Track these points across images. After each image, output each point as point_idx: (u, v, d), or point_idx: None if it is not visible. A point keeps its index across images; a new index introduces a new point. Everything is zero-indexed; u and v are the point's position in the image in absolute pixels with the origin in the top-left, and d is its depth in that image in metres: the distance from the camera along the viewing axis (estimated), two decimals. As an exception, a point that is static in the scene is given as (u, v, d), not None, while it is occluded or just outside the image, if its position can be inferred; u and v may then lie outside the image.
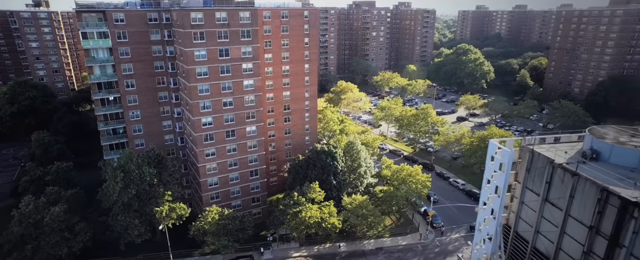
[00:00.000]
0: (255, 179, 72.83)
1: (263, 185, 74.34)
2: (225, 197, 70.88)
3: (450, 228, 75.21)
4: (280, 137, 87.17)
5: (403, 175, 73.47)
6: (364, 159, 76.34)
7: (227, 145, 67.81)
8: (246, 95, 66.91)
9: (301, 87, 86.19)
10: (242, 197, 72.73)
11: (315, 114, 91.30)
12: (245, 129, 68.62)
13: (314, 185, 66.53)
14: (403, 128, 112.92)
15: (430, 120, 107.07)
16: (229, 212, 63.72)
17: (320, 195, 66.67)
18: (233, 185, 70.89)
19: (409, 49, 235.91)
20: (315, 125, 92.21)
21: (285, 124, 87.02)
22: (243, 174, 71.14)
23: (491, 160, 37.61)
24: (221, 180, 69.35)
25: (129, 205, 59.83)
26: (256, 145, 70.72)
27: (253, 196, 73.97)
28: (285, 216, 62.80)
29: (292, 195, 64.69)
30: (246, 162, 70.63)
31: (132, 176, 58.01)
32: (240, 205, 73.02)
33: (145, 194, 60.48)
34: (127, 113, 68.72)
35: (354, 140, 77.92)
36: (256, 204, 75.08)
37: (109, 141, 69.05)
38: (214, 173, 68.17)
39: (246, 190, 72.69)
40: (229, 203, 71.38)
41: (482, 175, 40.99)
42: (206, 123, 64.86)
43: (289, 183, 73.59)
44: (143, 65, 67.91)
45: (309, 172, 70.42)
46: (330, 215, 64.44)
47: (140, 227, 59.16)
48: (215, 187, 69.25)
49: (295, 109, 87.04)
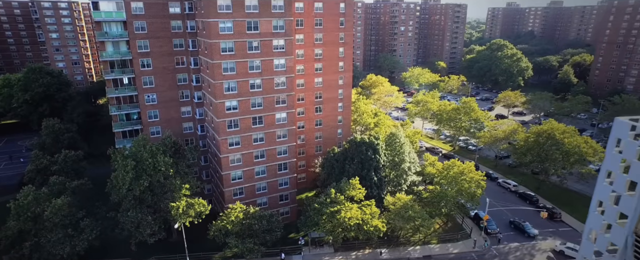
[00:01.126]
0: (284, 173, 64.08)
1: (292, 181, 65.55)
2: (250, 194, 62.34)
3: (507, 235, 64.76)
4: (310, 128, 78.37)
5: (453, 173, 63.50)
6: (408, 153, 66.78)
7: (254, 134, 59.29)
8: (276, 77, 58.32)
9: (335, 74, 77.28)
10: (268, 194, 64.04)
11: (350, 104, 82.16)
12: (274, 115, 59.99)
13: (353, 181, 57.33)
14: (442, 124, 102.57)
15: (474, 115, 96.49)
16: (255, 211, 55.13)
17: (361, 193, 57.43)
18: (259, 181, 62.30)
19: (437, 46, 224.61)
20: (349, 117, 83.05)
21: (316, 114, 78.17)
22: (271, 167, 62.49)
23: (616, 146, 27.76)
24: (246, 175, 60.88)
25: (141, 199, 51.90)
26: (286, 135, 62.01)
27: (281, 193, 65.22)
28: (321, 216, 53.79)
29: (329, 193, 55.64)
30: (274, 154, 61.97)
31: (145, 165, 50.03)
32: (266, 203, 64.37)
33: (160, 186, 52.44)
34: (142, 96, 61.04)
35: (397, 131, 68.42)
36: (284, 203, 66.30)
37: (122, 128, 61.47)
38: (238, 166, 59.72)
39: (273, 187, 64.01)
40: (254, 200, 62.83)
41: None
42: (230, 107, 56.51)
43: (323, 179, 64.59)
44: (160, 43, 60.15)
45: (346, 167, 61.25)
46: (373, 216, 55.13)
47: (153, 225, 51.08)
48: (239, 182, 60.79)
49: (328, 98, 78.13)
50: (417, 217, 56.97)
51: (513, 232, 65.85)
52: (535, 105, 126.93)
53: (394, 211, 58.62)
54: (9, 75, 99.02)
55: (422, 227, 57.58)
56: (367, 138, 61.22)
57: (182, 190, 52.63)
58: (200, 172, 69.29)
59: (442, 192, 62.44)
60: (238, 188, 61.13)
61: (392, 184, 65.52)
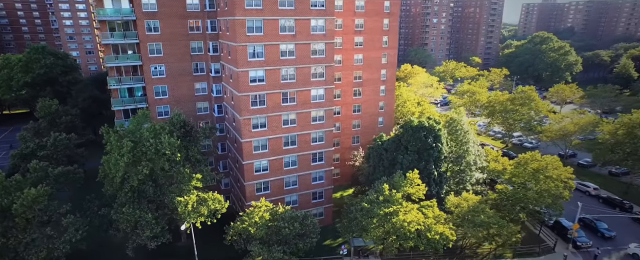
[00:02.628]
0: (319, 165, 51.79)
1: (328, 176, 53.19)
2: (277, 190, 50.28)
3: (605, 250, 50.75)
4: (347, 115, 66.00)
5: (532, 169, 49.96)
6: (474, 143, 53.70)
7: (284, 114, 47.27)
8: (313, 43, 46.26)
9: (377, 50, 64.85)
10: (299, 191, 51.86)
11: (394, 88, 69.51)
12: (309, 91, 47.89)
13: (411, 175, 44.59)
14: (494, 117, 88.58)
15: (534, 106, 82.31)
16: (285, 210, 43.00)
17: (421, 190, 44.65)
18: (288, 174, 50.19)
19: (471, 40, 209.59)
20: (393, 102, 70.41)
21: (354, 98, 65.80)
22: (303, 158, 50.32)
23: None
24: (273, 166, 48.86)
25: (139, 191, 40.44)
26: (323, 118, 49.79)
27: (314, 190, 52.92)
28: (370, 219, 41.25)
29: (380, 189, 43.04)
30: (308, 140, 49.79)
31: (145, 148, 38.55)
32: (296, 202, 52.20)
33: (164, 176, 40.95)
34: (147, 67, 49.87)
35: (458, 116, 55.39)
36: (318, 202, 53.96)
37: (123, 105, 50.44)
38: (263, 154, 47.77)
39: (306, 182, 51.78)
40: (282, 198, 50.73)
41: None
42: (255, 79, 44.67)
43: (367, 173, 51.97)
44: (171, 1, 48.96)
45: (398, 157, 48.52)
46: (437, 221, 42.28)
47: (154, 225, 39.49)
48: (264, 175, 48.83)
49: (369, 80, 65.71)
50: (491, 223, 43.91)
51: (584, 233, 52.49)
52: (596, 100, 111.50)
53: (460, 215, 45.67)
54: (9, 55, 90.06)
55: (498, 236, 44.43)
56: (426, 122, 48.39)
57: (192, 181, 40.88)
58: (217, 163, 57.67)
59: (519, 192, 48.98)
60: (262, 182, 49.16)
61: (453, 180, 52.49)
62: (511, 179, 52.13)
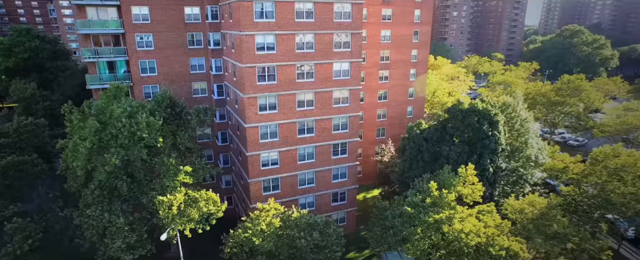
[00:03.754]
0: (341, 160, 41.65)
1: (352, 173, 43.01)
2: (289, 189, 40.26)
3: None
4: (371, 103, 55.89)
5: (615, 166, 39.15)
6: (535, 134, 43.19)
7: (299, 93, 37.32)
8: (337, 2, 36.30)
9: (408, 25, 54.76)
10: (317, 191, 41.75)
11: (425, 71, 59.21)
12: (331, 65, 37.87)
13: (465, 172, 34.15)
14: (535, 111, 77.44)
15: (586, 97, 71.20)
16: (300, 215, 32.91)
17: (476, 191, 34.21)
18: (304, 169, 40.14)
19: (493, 35, 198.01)
20: (424, 88, 60.15)
21: (380, 83, 55.65)
22: (322, 149, 40.24)
23: None
24: (284, 158, 38.86)
25: (111, 188, 30.71)
26: (348, 100, 39.74)
27: (335, 190, 42.79)
28: (413, 228, 30.97)
29: (425, 189, 32.67)
30: (328, 127, 39.73)
31: (116, 130, 28.84)
32: (312, 205, 42.13)
33: (143, 168, 31.15)
34: (131, 36, 40.36)
35: (513, 100, 44.90)
36: (339, 205, 43.79)
37: (100, 83, 40.85)
38: (272, 143, 37.83)
39: (325, 180, 41.65)
40: (295, 200, 40.72)
41: None
42: (264, 45, 34.81)
43: (402, 170, 41.58)
44: (161, -47, 39.54)
45: (443, 149, 38.08)
46: (501, 231, 31.83)
47: (128, 233, 29.66)
48: (273, 170, 38.86)
49: (397, 61, 55.57)
50: (570, 234, 33.40)
51: None
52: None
53: (525, 223, 35.16)
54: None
55: (579, 252, 33.85)
56: (479, 105, 37.95)
57: (178, 175, 30.93)
58: (217, 157, 47.94)
59: (601, 196, 38.24)
60: (271, 179, 39.19)
61: (506, 179, 41.99)
62: (581, 179, 41.44)
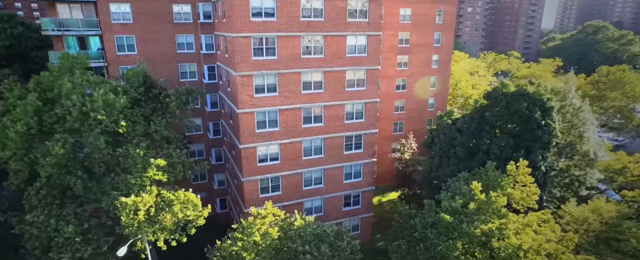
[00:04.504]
0: (356, 155, 34.52)
1: (369, 171, 35.80)
2: (292, 191, 33.19)
3: None
4: (388, 93, 48.83)
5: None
6: (592, 124, 35.73)
7: (304, 72, 30.34)
8: (352, -42, 29.35)
9: (430, 3, 47.78)
10: (326, 193, 34.63)
11: (450, 58, 52.11)
12: (344, 38, 30.86)
13: (515, 170, 26.84)
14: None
15: (630, 90, 63.25)
16: (304, 224, 25.83)
17: (532, 194, 26.80)
18: (310, 166, 33.06)
19: (509, 33, 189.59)
20: (448, 78, 53.07)
21: (398, 70, 48.61)
22: (333, 143, 33.16)
23: None
24: (286, 153, 31.83)
25: (60, 187, 23.90)
26: (364, 82, 32.68)
27: (348, 192, 35.62)
28: (451, 242, 23.70)
29: (466, 191, 25.38)
30: (340, 115, 32.66)
31: (64, 110, 22.09)
32: (320, 209, 35.04)
33: (104, 161, 24.30)
34: (105, 6, 33.76)
35: (564, 86, 37.47)
36: (353, 210, 36.59)
37: (68, 61, 34.18)
38: (271, 134, 30.85)
39: (335, 180, 34.52)
40: (299, 203, 33.68)
41: None
42: (261, 10, 27.90)
43: (429, 168, 34.31)
44: None
45: (482, 142, 30.76)
46: (566, 247, 24.46)
47: (82, 246, 22.79)
48: (272, 167, 31.83)
49: (418, 45, 48.56)
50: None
51: None
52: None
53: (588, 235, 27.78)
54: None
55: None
56: (529, 88, 30.69)
57: (148, 170, 23.94)
58: (208, 152, 41.14)
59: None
60: (270, 178, 32.18)
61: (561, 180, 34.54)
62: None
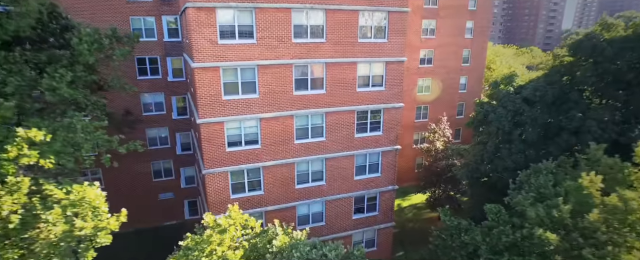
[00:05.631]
0: (373, 140, 23.98)
1: (390, 163, 25.18)
2: (279, 190, 22.70)
3: None
4: (410, 69, 38.43)
5: None
6: None
7: (296, 10, 20.01)
8: None
9: (467, -49, 37.26)
10: (328, 194, 24.10)
11: (487, 25, 41.48)
12: (356, -41, 20.57)
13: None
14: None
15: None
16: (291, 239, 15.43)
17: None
18: (305, 153, 22.59)
19: (528, 28, 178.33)
20: (484, 51, 42.58)
21: (423, 39, 38.30)
22: (338, 120, 22.73)
23: None
24: (269, 133, 21.42)
25: None
26: (384, 30, 22.28)
27: (361, 193, 25.02)
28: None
29: (574, 190, 14.79)
30: (349, 80, 22.24)
31: None
32: (320, 217, 24.53)
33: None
34: None
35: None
36: (366, 218, 25.98)
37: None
38: (247, 103, 20.52)
39: (342, 174, 23.98)
40: (290, 209, 23.20)
41: None
42: None
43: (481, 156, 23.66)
44: None
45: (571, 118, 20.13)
46: None
47: None
48: (249, 154, 21.42)
49: (448, 7, 38.22)
50: None
51: None
52: None
53: None
54: None
55: None
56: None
57: (10, 147, 13.58)
58: (173, 139, 30.97)
59: None
60: (246, 170, 21.75)
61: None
62: None
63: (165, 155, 31.13)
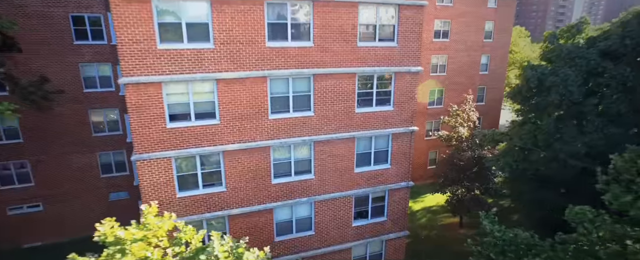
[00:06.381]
0: (380, 118, 17.38)
1: (402, 150, 18.52)
2: (247, 187, 16.10)
3: None
4: (424, 42, 31.70)
5: None
6: None
7: None
8: None
9: None
10: (318, 193, 17.47)
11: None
12: None
13: None
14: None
15: None
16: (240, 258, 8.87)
17: None
18: (283, 134, 16.04)
19: (536, 25, 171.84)
20: (510, 25, 36.15)
21: (438, 7, 31.76)
22: (330, 86, 16.13)
23: None
24: (232, 99, 14.84)
25: None
26: (396, -44, 15.69)
27: (365, 191, 18.35)
28: None
29: None
30: (346, 28, 15.66)
31: None
32: (307, 223, 17.85)
33: None
34: None
35: None
36: (372, 226, 19.30)
37: None
38: (197, 56, 13.96)
39: (337, 165, 17.33)
40: (264, 212, 16.55)
41: None
42: None
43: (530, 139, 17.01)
44: None
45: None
46: None
47: None
48: (201, 132, 14.87)
49: (470, -37, 31.53)
50: None
51: None
52: None
53: None
54: None
55: None
56: None
57: None
58: (123, 122, 24.45)
59: None
60: (197, 155, 15.12)
61: None
62: None
63: (115, 144, 24.64)
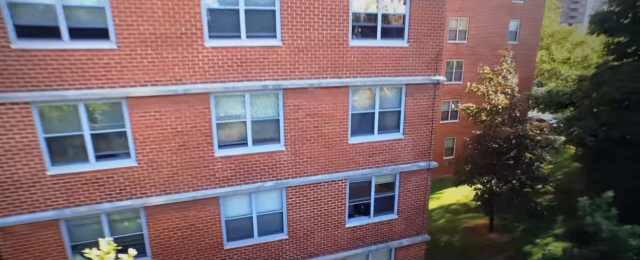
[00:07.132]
0: (390, 56, 11.22)
1: (423, 114, 12.34)
2: (177, 164, 9.96)
3: None
4: None
5: None
6: None
7: None
8: None
9: None
10: (291, 172, 11.31)
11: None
12: None
13: None
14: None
15: None
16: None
17: None
18: (230, 73, 9.91)
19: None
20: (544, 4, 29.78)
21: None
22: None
23: None
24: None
25: None
26: None
27: (366, 173, 12.15)
28: None
29: None
30: None
31: None
32: (275, 221, 11.62)
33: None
34: None
35: None
36: (375, 227, 13.08)
37: None
38: None
39: (325, 129, 11.22)
40: (203, 203, 10.37)
41: None
42: None
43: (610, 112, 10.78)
44: None
45: None
46: None
47: None
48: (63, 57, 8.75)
49: None
50: None
51: None
52: None
53: None
54: None
55: None
56: None
57: None
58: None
59: None
60: (78, 105, 8.95)
61: None
62: None
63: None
